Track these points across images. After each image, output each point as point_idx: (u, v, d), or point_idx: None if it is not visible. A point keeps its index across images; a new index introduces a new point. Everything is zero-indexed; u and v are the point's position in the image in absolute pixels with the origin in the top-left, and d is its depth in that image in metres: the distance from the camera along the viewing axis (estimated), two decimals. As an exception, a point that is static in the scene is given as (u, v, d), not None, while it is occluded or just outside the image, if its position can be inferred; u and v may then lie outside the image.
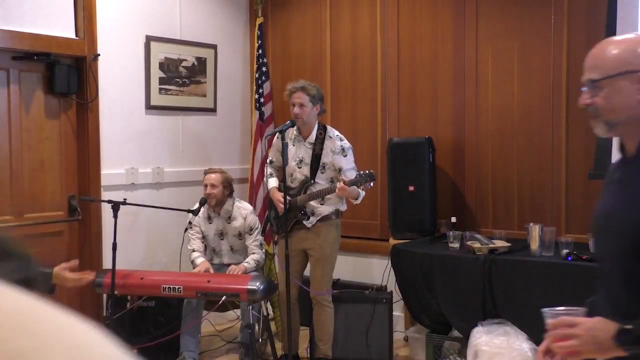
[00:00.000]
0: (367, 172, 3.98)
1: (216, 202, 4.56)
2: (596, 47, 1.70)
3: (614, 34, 3.99)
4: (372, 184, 4.02)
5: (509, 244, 4.17)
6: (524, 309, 3.93)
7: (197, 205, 4.52)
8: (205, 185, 4.57)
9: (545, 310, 1.59)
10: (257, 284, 4.09)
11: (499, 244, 4.19)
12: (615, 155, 3.94)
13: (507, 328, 3.76)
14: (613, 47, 1.66)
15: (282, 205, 4.19)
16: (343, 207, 4.35)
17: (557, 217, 4.39)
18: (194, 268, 4.54)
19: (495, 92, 4.67)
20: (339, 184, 3.94)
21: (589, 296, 4.00)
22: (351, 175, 4.06)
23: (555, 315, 1.56)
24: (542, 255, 3.99)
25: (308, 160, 4.25)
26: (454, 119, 4.85)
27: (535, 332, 3.81)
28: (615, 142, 1.75)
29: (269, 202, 4.52)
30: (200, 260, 4.55)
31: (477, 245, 4.14)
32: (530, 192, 4.54)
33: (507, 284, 3.99)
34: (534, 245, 4.03)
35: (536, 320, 4.13)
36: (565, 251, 3.89)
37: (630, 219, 1.60)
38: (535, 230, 4.03)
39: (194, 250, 4.62)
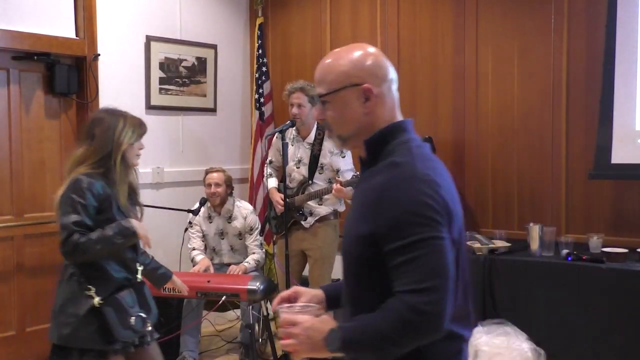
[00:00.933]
0: None
1: (220, 200, 4.56)
2: (322, 61, 1.69)
3: (614, 34, 3.99)
4: None
5: (509, 244, 4.17)
6: (523, 309, 3.93)
7: (197, 205, 4.52)
8: (209, 185, 4.57)
9: (281, 306, 1.62)
10: (257, 284, 4.09)
11: (499, 244, 4.19)
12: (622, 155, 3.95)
13: (507, 328, 3.76)
14: (335, 60, 1.65)
15: (280, 207, 4.19)
16: (341, 208, 4.35)
17: (557, 217, 4.38)
18: (194, 266, 4.54)
19: (495, 92, 4.67)
20: (335, 185, 3.94)
21: (588, 296, 3.99)
22: (348, 176, 4.05)
23: (289, 312, 1.58)
24: (542, 255, 3.99)
25: (306, 160, 4.25)
26: (454, 119, 4.84)
27: (535, 332, 3.81)
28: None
29: (268, 202, 4.53)
30: (200, 257, 4.56)
31: (477, 245, 4.14)
32: (530, 192, 4.54)
33: (507, 284, 3.99)
34: (534, 245, 4.03)
35: (536, 320, 4.13)
36: (565, 251, 3.90)
37: (350, 236, 1.60)
38: (535, 230, 4.03)
39: (194, 249, 4.63)
